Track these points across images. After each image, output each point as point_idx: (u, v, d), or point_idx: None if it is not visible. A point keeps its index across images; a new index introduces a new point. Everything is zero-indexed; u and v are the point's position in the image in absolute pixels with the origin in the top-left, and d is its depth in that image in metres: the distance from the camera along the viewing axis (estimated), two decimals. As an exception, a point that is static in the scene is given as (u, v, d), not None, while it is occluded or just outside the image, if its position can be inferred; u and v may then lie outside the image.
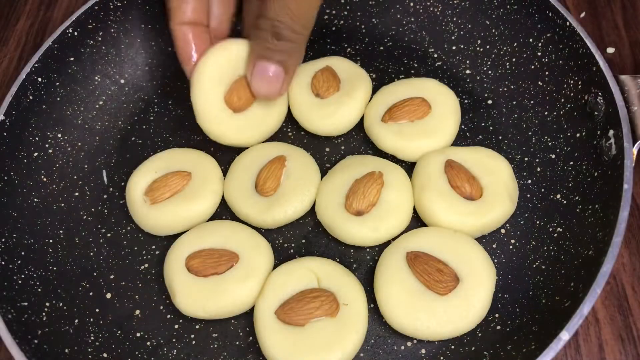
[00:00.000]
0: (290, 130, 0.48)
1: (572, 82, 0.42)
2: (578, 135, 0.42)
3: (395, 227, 0.40)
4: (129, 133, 0.48)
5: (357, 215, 0.40)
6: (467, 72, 0.49)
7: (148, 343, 0.39)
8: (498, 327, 0.37)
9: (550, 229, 0.40)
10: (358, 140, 0.47)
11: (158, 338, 0.39)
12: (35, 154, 0.44)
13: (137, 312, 0.40)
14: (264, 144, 0.45)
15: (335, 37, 0.52)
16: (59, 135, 0.46)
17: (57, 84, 0.46)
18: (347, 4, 0.53)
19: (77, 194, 0.45)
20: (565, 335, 0.32)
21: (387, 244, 0.40)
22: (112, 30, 0.50)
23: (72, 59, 0.47)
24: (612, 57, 0.52)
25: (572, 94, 0.43)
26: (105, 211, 0.44)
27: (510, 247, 0.41)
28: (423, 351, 0.37)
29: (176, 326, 0.39)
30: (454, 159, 0.42)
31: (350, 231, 0.40)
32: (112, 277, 0.42)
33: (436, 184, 0.41)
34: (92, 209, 0.45)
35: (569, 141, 0.42)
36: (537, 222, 0.41)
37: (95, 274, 0.42)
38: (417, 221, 0.42)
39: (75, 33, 0.47)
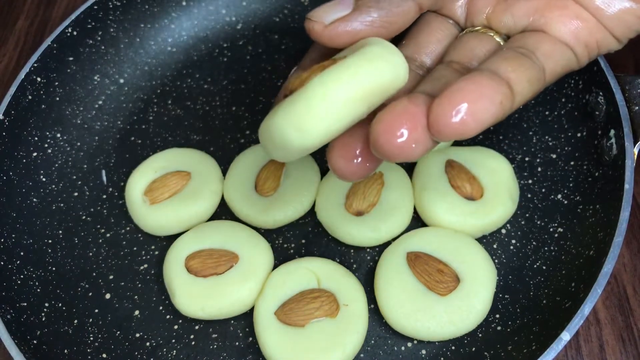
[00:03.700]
0: (290, 130, 0.47)
1: (572, 81, 0.42)
2: (579, 135, 0.42)
3: (395, 227, 0.40)
4: (128, 133, 0.48)
5: (357, 216, 0.40)
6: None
7: (147, 344, 0.39)
8: (499, 328, 0.37)
9: (551, 229, 0.40)
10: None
11: (157, 339, 0.39)
12: (34, 154, 0.44)
13: (137, 312, 0.40)
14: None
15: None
16: (58, 135, 0.46)
17: (56, 83, 0.46)
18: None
19: (76, 194, 0.45)
20: (566, 336, 0.32)
21: (387, 244, 0.40)
22: (112, 30, 0.49)
23: (71, 58, 0.47)
24: (613, 57, 0.51)
25: (573, 94, 0.42)
26: (105, 211, 0.44)
27: (511, 247, 0.41)
28: (423, 352, 0.37)
29: (176, 327, 0.39)
30: (455, 159, 0.42)
31: (351, 231, 0.40)
32: (111, 277, 0.41)
33: (436, 184, 0.40)
34: (91, 209, 0.44)
35: (570, 141, 0.42)
36: (538, 223, 0.41)
37: (94, 274, 0.42)
38: (417, 221, 0.42)
39: (75, 33, 0.47)
